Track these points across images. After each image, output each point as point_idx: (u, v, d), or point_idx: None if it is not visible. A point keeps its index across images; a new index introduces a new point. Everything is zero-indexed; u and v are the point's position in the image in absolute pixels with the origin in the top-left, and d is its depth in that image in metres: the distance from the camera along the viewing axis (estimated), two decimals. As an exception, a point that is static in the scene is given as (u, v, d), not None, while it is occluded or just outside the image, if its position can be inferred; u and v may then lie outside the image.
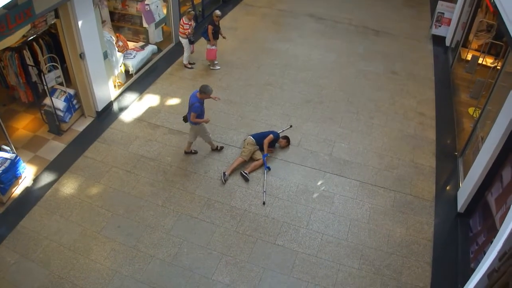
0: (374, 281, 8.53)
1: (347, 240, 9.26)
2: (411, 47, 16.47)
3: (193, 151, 11.15)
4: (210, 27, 13.68)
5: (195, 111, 10.06)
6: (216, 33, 13.94)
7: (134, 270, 8.53)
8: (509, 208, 7.40)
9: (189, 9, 13.17)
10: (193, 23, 14.00)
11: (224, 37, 14.42)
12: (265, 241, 9.17)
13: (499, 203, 8.26)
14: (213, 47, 13.98)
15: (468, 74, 14.36)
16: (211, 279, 8.44)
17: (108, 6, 13.45)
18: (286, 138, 11.36)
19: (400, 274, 8.66)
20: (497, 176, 8.79)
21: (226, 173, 10.47)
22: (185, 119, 10.67)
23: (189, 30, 13.85)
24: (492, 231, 8.12)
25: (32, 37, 11.14)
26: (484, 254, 7.76)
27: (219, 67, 14.45)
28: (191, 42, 14.10)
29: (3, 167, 9.57)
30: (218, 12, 13.76)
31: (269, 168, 10.76)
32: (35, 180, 10.28)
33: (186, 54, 14.39)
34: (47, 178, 10.36)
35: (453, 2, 16.56)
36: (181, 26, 13.88)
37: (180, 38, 14.17)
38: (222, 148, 11.27)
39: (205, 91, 10.15)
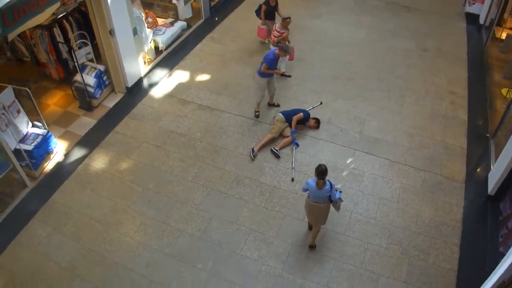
0: (401, 261, 8.53)
1: (376, 219, 9.25)
2: (443, 24, 16.10)
3: (276, 104, 11.88)
4: (263, 6, 13.42)
5: (267, 63, 10.60)
6: (270, 13, 13.56)
7: (163, 244, 8.69)
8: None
9: (285, 16, 12.35)
10: (287, 32, 12.56)
11: (283, 18, 13.00)
12: (294, 217, 9.22)
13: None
14: (264, 27, 13.67)
15: (502, 54, 14.00)
16: (240, 254, 8.55)
17: (138, -18, 13.45)
18: (316, 119, 11.28)
19: (427, 255, 8.64)
20: (530, 159, 8.63)
21: (255, 149, 10.50)
22: None
23: (277, 38, 12.51)
24: (523, 215, 8.03)
25: (62, 15, 11.26)
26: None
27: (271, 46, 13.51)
28: (285, 51, 12.49)
29: (35, 143, 9.79)
30: None
31: (297, 145, 10.75)
32: (67, 155, 10.48)
33: (282, 63, 12.79)
34: (78, 153, 10.55)
35: (488, -21, 16.12)
36: (272, 32, 12.87)
37: (270, 45, 13.27)
38: (278, 105, 11.78)
39: (285, 49, 10.65)
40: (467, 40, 15.22)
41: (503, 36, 14.36)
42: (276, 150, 10.56)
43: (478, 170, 10.55)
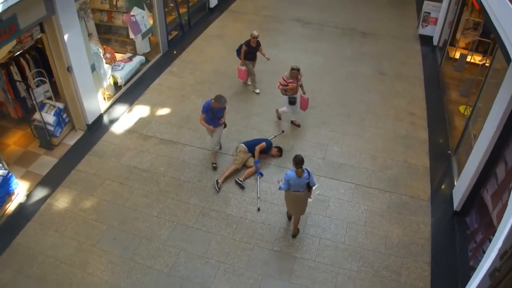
0: (373, 283, 8.51)
1: (345, 243, 9.23)
2: (399, 47, 16.52)
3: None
4: (244, 47, 13.17)
5: (202, 110, 10.35)
6: (251, 54, 13.31)
7: (131, 282, 8.46)
8: (505, 204, 7.40)
9: (294, 67, 11.35)
10: (295, 83, 11.58)
11: (267, 58, 13.46)
12: (262, 247, 9.13)
13: (495, 200, 8.26)
14: (243, 68, 13.42)
15: (457, 73, 14.41)
16: (210, 288, 8.39)
17: (94, 18, 13.33)
18: (278, 148, 11.30)
19: (399, 275, 8.64)
20: (491, 173, 8.78)
21: (219, 181, 10.43)
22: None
23: (281, 87, 11.73)
24: (489, 228, 8.13)
25: (18, 52, 11.06)
26: (483, 251, 7.80)
27: (258, 91, 13.85)
28: (291, 103, 11.85)
29: (-5, 184, 9.49)
30: (255, 33, 12.98)
31: (261, 174, 10.73)
32: (28, 195, 10.19)
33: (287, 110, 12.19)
34: (40, 193, 10.27)
35: (439, 2, 16.60)
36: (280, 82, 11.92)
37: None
38: (215, 167, 11.00)
39: (217, 100, 10.15)
40: (423, 61, 15.66)
41: (457, 55, 14.80)
42: (241, 181, 10.51)
43: (442, 187, 10.73)
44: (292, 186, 8.58)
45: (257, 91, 13.77)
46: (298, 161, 8.44)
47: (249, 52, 13.21)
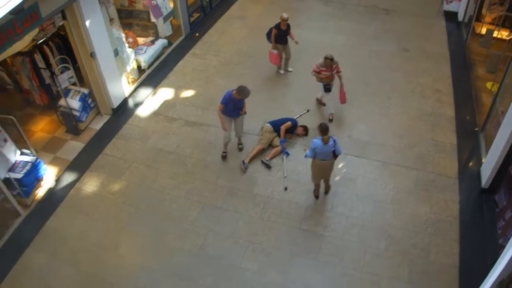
0: (402, 261, 8.50)
1: (372, 221, 9.21)
2: (423, 24, 16.22)
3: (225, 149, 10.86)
4: (274, 30, 12.84)
5: (221, 101, 9.99)
6: (281, 38, 12.95)
7: (162, 263, 8.58)
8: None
9: (328, 56, 10.95)
10: (330, 72, 11.22)
11: (296, 42, 13.13)
12: (290, 226, 9.16)
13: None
14: (274, 51, 13.07)
15: (483, 49, 14.14)
16: (239, 267, 8.47)
17: (115, 3, 13.29)
18: (304, 127, 11.27)
19: (428, 253, 8.61)
20: (520, 149, 8.66)
21: (245, 161, 10.47)
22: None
23: (314, 73, 11.41)
24: (519, 205, 8.03)
25: (41, 40, 11.19)
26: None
27: (283, 72, 13.72)
28: (326, 90, 11.55)
29: (24, 170, 9.63)
30: (284, 15, 12.68)
31: (288, 154, 10.70)
32: (57, 181, 10.34)
33: (328, 103, 11.99)
34: (68, 178, 10.42)
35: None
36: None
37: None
38: (224, 156, 10.80)
39: (239, 91, 9.79)
40: (448, 38, 15.35)
41: (483, 31, 14.51)
42: (267, 161, 10.52)
43: (470, 164, 10.59)
44: (318, 154, 8.80)
45: (290, 69, 13.71)
46: (324, 129, 8.73)
47: (279, 35, 12.86)
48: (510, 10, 13.43)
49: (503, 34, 13.90)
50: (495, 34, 13.93)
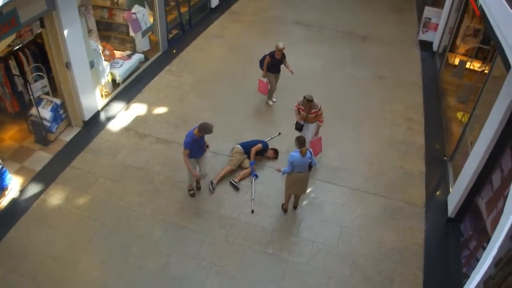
0: (366, 288, 8.48)
1: (338, 248, 9.21)
2: (399, 52, 16.50)
3: (192, 186, 10.32)
4: (267, 58, 12.43)
5: (184, 146, 9.14)
6: (274, 67, 12.56)
7: (122, 282, 8.43)
8: (500, 212, 7.38)
9: (306, 96, 10.42)
10: (306, 113, 10.80)
11: (291, 72, 12.60)
12: (255, 250, 9.10)
13: (490, 207, 8.24)
14: (264, 80, 12.68)
15: (456, 79, 14.38)
16: (201, 289, 8.35)
17: (95, 15, 13.30)
18: (274, 150, 11.29)
19: (392, 281, 8.61)
20: (487, 180, 8.76)
21: (213, 182, 10.41)
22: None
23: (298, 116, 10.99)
24: (483, 235, 8.11)
25: (17, 47, 11.05)
26: (476, 259, 7.78)
27: (271, 103, 13.35)
28: (296, 128, 11.14)
29: (-12, 179, 9.45)
30: (280, 45, 12.24)
31: (256, 176, 10.70)
32: (22, 191, 10.14)
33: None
34: (34, 189, 10.22)
35: (440, 7, 16.61)
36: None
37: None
38: (192, 194, 10.25)
39: (204, 130, 9.09)
40: (422, 67, 15.64)
41: (456, 62, 14.77)
42: (235, 182, 10.48)
43: (438, 193, 10.70)
44: (296, 167, 8.99)
45: (270, 102, 13.32)
46: (302, 140, 9.01)
47: (273, 64, 12.53)
48: (483, 42, 13.71)
49: (476, 65, 14.16)
50: (468, 65, 14.19)
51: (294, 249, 9.13)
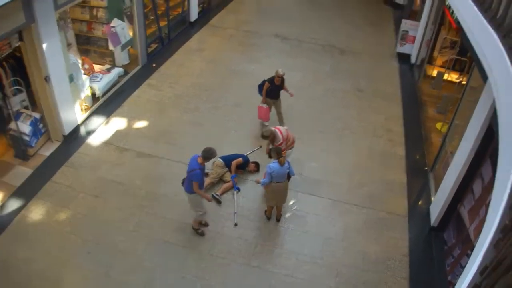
0: (351, 299, 8.48)
1: (323, 259, 9.20)
2: (377, 65, 16.71)
3: (203, 222, 9.78)
4: (266, 84, 12.02)
5: (196, 179, 8.61)
6: (273, 92, 12.11)
7: (106, 299, 8.29)
8: (483, 220, 7.46)
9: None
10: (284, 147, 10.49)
11: (291, 95, 12.34)
12: (240, 263, 9.04)
13: (472, 215, 8.34)
14: (264, 106, 12.26)
15: (434, 90, 14.62)
16: (186, 304, 8.26)
17: (74, 29, 13.25)
18: (255, 163, 11.30)
19: (377, 291, 8.63)
20: (468, 188, 8.89)
21: (218, 194, 10.42)
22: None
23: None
24: (467, 243, 8.20)
25: (-5, 60, 10.91)
26: (461, 266, 7.86)
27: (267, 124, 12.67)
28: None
29: (-33, 195, 9.26)
30: (280, 71, 11.78)
31: (238, 189, 10.69)
32: (1, 207, 9.93)
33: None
34: (13, 204, 10.02)
35: (417, 20, 16.89)
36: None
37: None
38: (202, 233, 9.68)
39: (208, 155, 8.69)
40: (400, 79, 15.87)
41: (434, 73, 15.06)
42: (217, 195, 10.43)
43: (420, 203, 10.82)
44: (274, 177, 9.09)
45: (286, 127, 12.11)
46: (280, 151, 9.17)
47: (272, 90, 12.09)
48: (460, 54, 13.96)
49: (453, 76, 14.45)
50: (445, 76, 14.47)
51: (278, 261, 9.10)
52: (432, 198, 10.45)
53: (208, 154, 8.64)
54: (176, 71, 15.52)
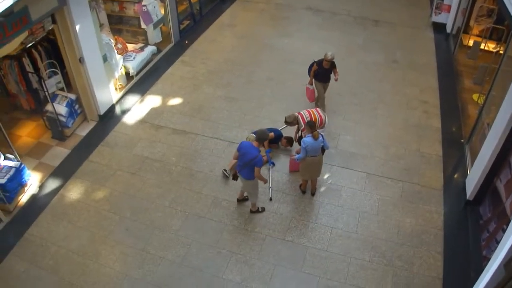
0: (385, 273, 8.48)
1: (357, 233, 9.21)
2: (412, 35, 16.35)
3: (260, 209, 9.76)
4: (314, 66, 11.69)
5: (260, 165, 8.49)
6: (321, 76, 11.77)
7: (144, 273, 8.50)
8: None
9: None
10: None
11: (336, 79, 11.76)
12: (274, 237, 9.13)
13: (509, 189, 8.18)
14: (311, 87, 11.98)
15: (471, 60, 14.26)
16: (222, 277, 8.40)
17: (105, 9, 13.32)
18: (287, 138, 11.19)
19: (411, 265, 8.60)
20: (505, 161, 8.69)
21: (227, 169, 10.44)
22: (235, 176, 9.31)
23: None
24: (502, 217, 8.06)
25: (30, 44, 11.10)
26: (496, 241, 7.74)
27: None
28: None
29: (8, 176, 9.51)
30: (328, 55, 11.36)
31: (273, 164, 10.71)
32: (41, 187, 10.24)
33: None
34: (52, 184, 10.32)
35: (452, -12, 16.43)
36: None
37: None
38: (263, 209, 9.79)
39: (263, 137, 8.80)
40: (436, 49, 15.49)
41: (470, 43, 14.63)
42: (226, 171, 10.49)
43: (455, 176, 10.64)
44: (309, 151, 9.10)
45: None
46: (313, 124, 9.18)
47: (319, 73, 11.74)
48: (497, 22, 13.55)
49: (490, 46, 14.02)
50: (482, 46, 14.05)
51: (313, 236, 9.15)
52: (468, 171, 10.25)
53: (263, 135, 8.75)
54: (209, 47, 15.52)
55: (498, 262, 5.14)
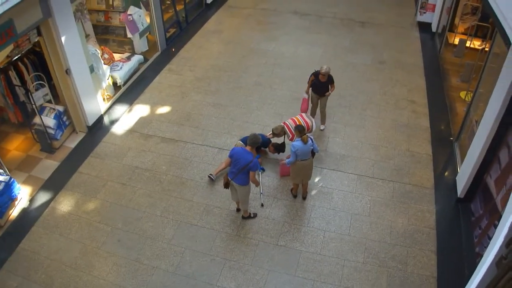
0: (380, 274, 8.49)
1: (350, 235, 9.21)
2: (398, 35, 16.46)
3: (252, 215, 9.72)
4: (312, 77, 11.34)
5: (255, 169, 8.61)
6: (317, 88, 11.38)
7: (137, 283, 8.44)
8: (509, 189, 7.37)
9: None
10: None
11: (328, 94, 11.43)
12: (267, 242, 9.11)
13: (499, 185, 8.22)
14: (305, 96, 11.55)
15: (457, 58, 14.37)
16: (216, 285, 8.36)
17: (91, 19, 13.29)
18: (275, 145, 10.94)
19: (405, 265, 8.62)
20: (494, 158, 8.75)
21: (213, 174, 10.45)
22: (227, 184, 9.03)
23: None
24: (494, 214, 8.10)
25: (16, 57, 11.04)
26: (488, 237, 7.78)
27: (322, 127, 12.10)
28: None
29: (-3, 190, 9.47)
30: (324, 69, 10.96)
31: (263, 169, 10.71)
32: (32, 200, 10.17)
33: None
34: (43, 197, 10.25)
35: (436, -12, 16.54)
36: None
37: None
38: (255, 215, 9.75)
39: (256, 141, 8.80)
40: (422, 48, 15.62)
41: (456, 41, 14.74)
42: (212, 175, 10.48)
43: (446, 174, 10.69)
44: (299, 155, 9.12)
45: (322, 127, 12.02)
46: (302, 129, 9.24)
47: (316, 85, 11.37)
48: (482, 20, 13.65)
49: (476, 43, 14.14)
50: (468, 43, 14.16)
51: (306, 239, 9.14)
52: (458, 169, 10.31)
53: (255, 139, 8.77)
54: (195, 54, 15.52)
55: (490, 260, 5.14)
